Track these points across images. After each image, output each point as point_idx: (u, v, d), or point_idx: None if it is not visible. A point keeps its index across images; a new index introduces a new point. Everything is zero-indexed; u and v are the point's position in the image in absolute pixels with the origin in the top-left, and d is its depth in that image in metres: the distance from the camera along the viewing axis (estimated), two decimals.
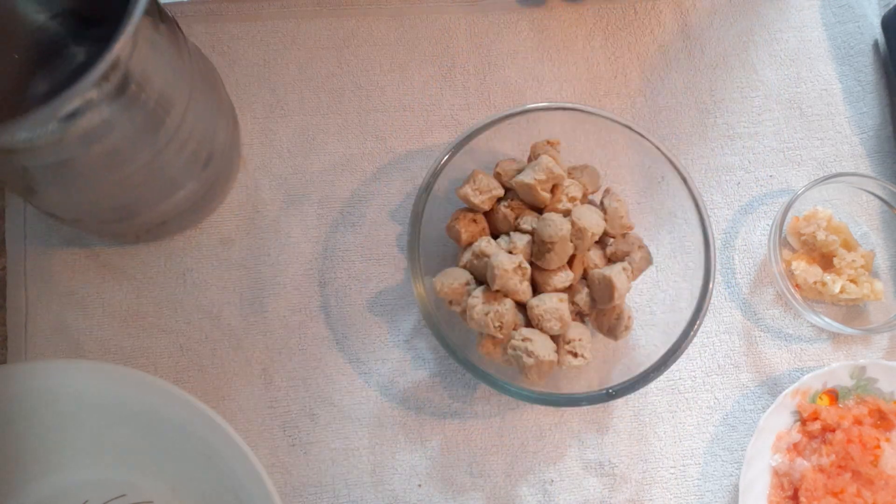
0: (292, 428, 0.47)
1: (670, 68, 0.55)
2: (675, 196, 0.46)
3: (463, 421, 0.48)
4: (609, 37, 0.55)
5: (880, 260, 0.52)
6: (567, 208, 0.45)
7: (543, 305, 0.42)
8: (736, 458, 0.48)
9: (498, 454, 0.47)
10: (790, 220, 0.52)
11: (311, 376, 0.48)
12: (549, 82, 0.54)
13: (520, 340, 0.42)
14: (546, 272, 0.44)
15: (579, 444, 0.48)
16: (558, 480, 0.47)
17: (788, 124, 0.55)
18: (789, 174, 0.54)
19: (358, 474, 0.46)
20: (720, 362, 0.50)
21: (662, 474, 0.48)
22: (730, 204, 0.53)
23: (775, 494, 0.46)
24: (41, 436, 0.43)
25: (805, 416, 0.47)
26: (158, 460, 0.43)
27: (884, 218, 0.53)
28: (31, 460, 0.43)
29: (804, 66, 0.56)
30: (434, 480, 0.47)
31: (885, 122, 0.55)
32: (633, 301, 0.48)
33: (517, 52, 0.55)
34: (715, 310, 0.51)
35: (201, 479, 0.43)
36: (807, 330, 0.51)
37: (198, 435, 0.42)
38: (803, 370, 0.50)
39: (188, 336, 0.47)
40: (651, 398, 0.49)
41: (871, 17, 0.57)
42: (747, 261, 0.52)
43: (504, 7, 0.55)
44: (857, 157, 0.55)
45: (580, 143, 0.48)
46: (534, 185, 0.44)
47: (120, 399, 0.42)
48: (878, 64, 0.56)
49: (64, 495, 0.43)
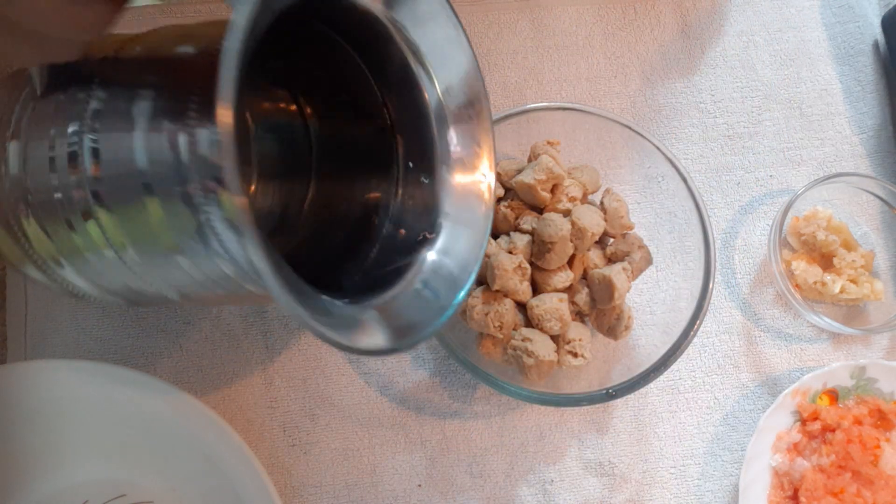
0: (292, 428, 0.47)
1: (670, 68, 0.55)
2: (675, 196, 0.46)
3: (463, 421, 0.48)
4: (609, 37, 0.55)
5: (880, 260, 0.52)
6: (567, 208, 0.45)
7: (543, 305, 0.42)
8: (736, 458, 0.48)
9: (498, 454, 0.47)
10: (790, 220, 0.52)
11: (311, 376, 0.48)
12: (549, 82, 0.54)
13: (520, 340, 0.42)
14: (546, 272, 0.44)
15: (579, 444, 0.48)
16: (558, 480, 0.47)
17: (788, 124, 0.55)
18: (789, 174, 0.54)
19: (358, 474, 0.46)
20: (720, 362, 0.50)
21: (662, 474, 0.48)
22: (730, 204, 0.53)
23: (775, 494, 0.46)
24: (41, 436, 0.43)
25: (805, 416, 0.47)
26: (158, 460, 0.43)
27: (884, 218, 0.53)
28: (31, 460, 0.43)
29: (804, 66, 0.56)
30: (434, 480, 0.47)
31: (885, 122, 0.55)
32: (633, 301, 0.48)
33: (517, 52, 0.55)
34: (715, 310, 0.51)
35: (201, 479, 0.43)
36: (807, 330, 0.51)
37: (198, 435, 0.42)
38: (803, 370, 0.50)
39: (188, 336, 0.47)
40: (651, 398, 0.49)
41: (871, 17, 0.57)
42: (747, 261, 0.52)
43: (504, 7, 0.55)
44: (857, 157, 0.55)
45: (580, 143, 0.48)
46: (534, 185, 0.44)
47: (120, 399, 0.42)
48: (878, 64, 0.56)
49: (64, 495, 0.43)
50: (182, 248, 0.27)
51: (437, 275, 0.34)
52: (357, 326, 0.29)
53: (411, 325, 0.32)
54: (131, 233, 0.28)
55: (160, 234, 0.27)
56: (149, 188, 0.26)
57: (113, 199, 0.27)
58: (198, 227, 0.26)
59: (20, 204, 0.30)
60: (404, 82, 0.35)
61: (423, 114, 0.35)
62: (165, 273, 0.29)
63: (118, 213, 0.27)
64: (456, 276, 0.34)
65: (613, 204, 0.46)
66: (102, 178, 0.27)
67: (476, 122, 0.36)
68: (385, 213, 0.37)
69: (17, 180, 0.29)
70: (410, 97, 0.35)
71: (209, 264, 0.27)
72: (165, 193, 0.26)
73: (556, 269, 0.44)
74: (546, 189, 0.45)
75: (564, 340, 0.44)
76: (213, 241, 0.26)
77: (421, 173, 0.36)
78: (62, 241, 0.30)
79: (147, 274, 0.30)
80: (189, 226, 0.26)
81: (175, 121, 0.25)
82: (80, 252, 0.30)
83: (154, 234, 0.27)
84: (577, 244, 0.43)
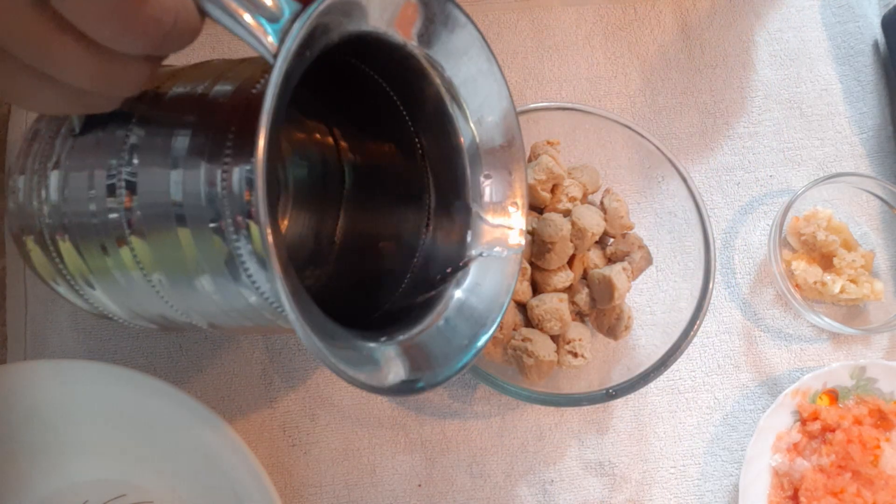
0: (292, 428, 0.47)
1: (670, 68, 0.55)
2: (675, 196, 0.46)
3: (463, 421, 0.48)
4: (609, 37, 0.55)
5: (880, 260, 0.52)
6: (567, 208, 0.45)
7: (543, 306, 0.42)
8: (736, 458, 0.48)
9: (498, 454, 0.47)
10: (790, 220, 0.52)
11: (311, 376, 0.48)
12: (549, 82, 0.54)
13: (520, 340, 0.42)
14: (546, 272, 0.44)
15: (579, 444, 0.48)
16: (558, 480, 0.47)
17: (788, 124, 0.55)
18: (789, 174, 0.54)
19: (358, 474, 0.46)
20: (720, 362, 0.50)
21: (662, 474, 0.48)
22: (730, 204, 0.53)
23: (775, 494, 0.46)
24: (41, 436, 0.43)
25: (805, 416, 0.47)
26: (158, 460, 0.43)
27: (884, 218, 0.53)
28: (31, 460, 0.43)
29: (804, 66, 0.56)
30: (434, 480, 0.47)
31: (885, 122, 0.55)
32: (633, 301, 0.48)
33: (517, 52, 0.55)
34: (715, 310, 0.51)
35: (201, 479, 0.43)
36: (807, 330, 0.51)
37: (198, 435, 0.42)
38: (803, 370, 0.50)
39: (188, 336, 0.47)
40: (651, 398, 0.49)
41: (871, 17, 0.57)
42: (747, 261, 0.52)
43: (504, 7, 0.55)
44: (857, 157, 0.55)
45: (580, 142, 0.48)
46: (533, 184, 0.44)
47: (120, 399, 0.42)
48: (878, 64, 0.56)
49: (64, 495, 0.43)
50: (211, 279, 0.28)
51: (461, 314, 0.34)
52: (380, 363, 0.30)
53: (433, 364, 0.32)
54: (162, 261, 0.29)
55: (191, 263, 0.28)
56: (182, 219, 0.27)
57: (146, 228, 0.28)
58: (228, 258, 0.26)
59: (58, 226, 0.31)
60: (438, 119, 0.34)
61: (455, 151, 0.35)
62: (194, 301, 0.30)
63: (151, 242, 0.28)
64: (479, 316, 0.34)
65: (613, 204, 0.46)
66: (137, 209, 0.28)
67: (510, 163, 0.35)
68: (415, 246, 0.37)
69: (56, 205, 0.31)
70: (444, 134, 0.35)
71: (237, 295, 0.28)
72: (198, 225, 0.27)
73: (556, 268, 0.44)
74: (546, 189, 0.45)
75: (564, 340, 0.44)
76: (241, 274, 0.27)
77: (452, 209, 0.36)
78: (95, 263, 0.31)
79: (176, 301, 0.30)
80: (219, 257, 0.27)
81: (212, 158, 0.26)
82: (111, 275, 0.31)
83: (185, 263, 0.28)
84: (577, 244, 0.43)
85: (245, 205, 0.25)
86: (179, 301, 0.30)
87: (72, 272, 0.32)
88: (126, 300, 0.32)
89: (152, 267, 0.29)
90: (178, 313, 0.31)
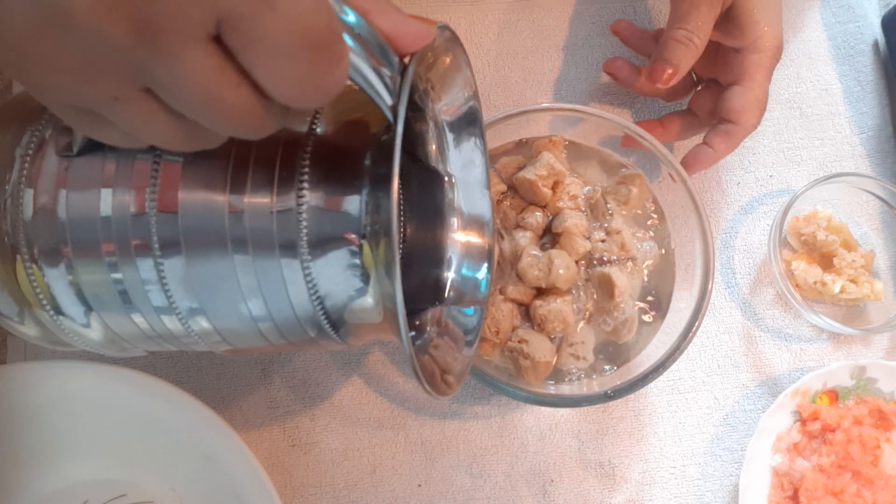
0: (292, 428, 0.47)
1: None
2: (675, 196, 0.46)
3: (463, 421, 0.48)
4: (609, 37, 0.55)
5: (880, 260, 0.52)
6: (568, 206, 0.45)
7: (547, 306, 0.42)
8: (736, 458, 0.48)
9: (498, 454, 0.47)
10: (790, 220, 0.52)
11: (311, 376, 0.48)
12: (549, 82, 0.54)
13: (516, 342, 0.42)
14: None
15: (579, 444, 0.48)
16: (558, 480, 0.47)
17: (788, 124, 0.55)
18: (789, 174, 0.54)
19: (358, 475, 0.46)
20: (720, 362, 0.50)
21: (662, 474, 0.48)
22: (730, 204, 0.53)
23: (775, 494, 0.46)
24: (41, 436, 0.43)
25: (805, 416, 0.47)
26: (158, 460, 0.43)
27: (884, 218, 0.53)
28: (31, 460, 0.43)
29: (804, 66, 0.56)
30: (434, 480, 0.47)
31: (885, 122, 0.55)
32: None
33: (517, 52, 0.55)
34: (715, 310, 0.51)
35: (201, 479, 0.43)
36: (807, 330, 0.51)
37: (198, 435, 0.42)
38: (803, 370, 0.50)
39: None
40: (651, 398, 0.49)
41: (871, 17, 0.57)
42: (747, 261, 0.52)
43: (504, 7, 0.55)
44: (857, 157, 0.55)
45: (580, 143, 0.48)
46: (535, 180, 0.44)
47: (120, 399, 0.42)
48: (878, 64, 0.56)
49: (64, 495, 0.43)
50: (263, 300, 0.28)
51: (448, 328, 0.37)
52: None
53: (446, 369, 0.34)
54: (200, 284, 0.28)
55: (234, 285, 0.28)
56: (241, 243, 0.27)
57: (187, 251, 0.28)
58: (289, 276, 0.28)
59: (51, 247, 0.29)
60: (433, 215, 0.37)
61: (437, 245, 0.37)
62: (222, 319, 0.30)
63: (189, 265, 0.28)
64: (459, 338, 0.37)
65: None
66: (176, 232, 0.27)
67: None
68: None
69: (47, 224, 0.29)
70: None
71: (286, 312, 0.29)
72: (261, 249, 0.27)
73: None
74: (547, 185, 0.45)
75: (567, 343, 0.44)
76: (306, 290, 0.28)
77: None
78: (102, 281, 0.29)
79: (192, 310, 0.29)
80: (276, 275, 0.28)
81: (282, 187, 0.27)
82: (116, 297, 0.29)
83: (227, 281, 0.28)
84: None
85: (360, 226, 0.27)
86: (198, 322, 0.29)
87: (54, 294, 0.29)
88: (123, 324, 0.30)
89: (180, 287, 0.28)
90: (189, 332, 0.30)
